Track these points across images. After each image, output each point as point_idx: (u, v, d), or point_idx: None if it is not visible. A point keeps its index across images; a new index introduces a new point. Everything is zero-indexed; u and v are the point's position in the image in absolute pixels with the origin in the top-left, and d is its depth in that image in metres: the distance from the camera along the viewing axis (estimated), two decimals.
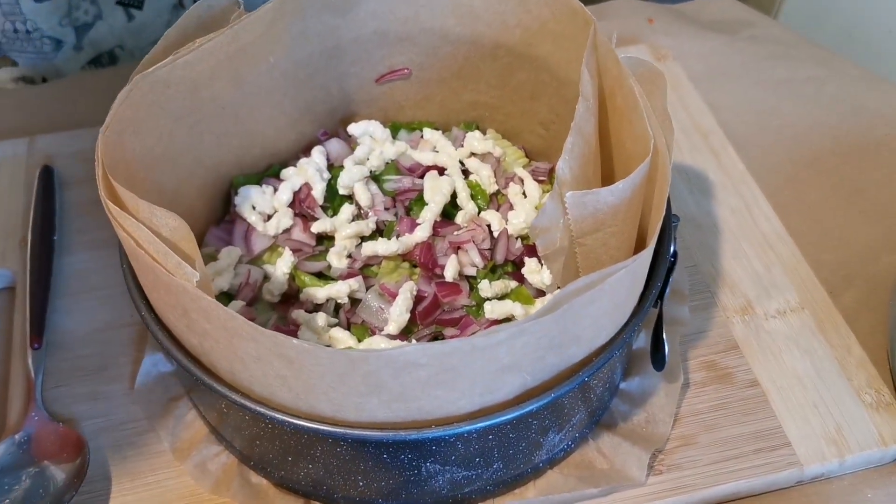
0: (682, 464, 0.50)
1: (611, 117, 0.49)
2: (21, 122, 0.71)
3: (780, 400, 0.53)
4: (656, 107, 0.46)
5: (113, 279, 0.59)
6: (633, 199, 0.43)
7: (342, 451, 0.43)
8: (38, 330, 0.55)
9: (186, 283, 0.38)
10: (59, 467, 0.48)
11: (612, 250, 0.45)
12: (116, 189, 0.42)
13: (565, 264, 0.46)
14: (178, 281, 0.38)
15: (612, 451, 0.50)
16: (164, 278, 0.39)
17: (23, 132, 0.69)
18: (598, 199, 0.42)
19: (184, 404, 0.52)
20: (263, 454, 0.47)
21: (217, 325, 0.38)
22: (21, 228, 0.62)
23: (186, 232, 0.42)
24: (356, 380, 0.37)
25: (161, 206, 0.42)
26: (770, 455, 0.50)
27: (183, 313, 0.40)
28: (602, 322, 0.42)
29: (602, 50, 0.48)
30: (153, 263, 0.39)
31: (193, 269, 0.39)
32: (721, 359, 0.55)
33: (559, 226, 0.44)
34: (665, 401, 0.52)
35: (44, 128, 0.70)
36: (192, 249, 0.41)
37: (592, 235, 0.44)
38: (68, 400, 0.53)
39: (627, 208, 0.43)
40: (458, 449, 0.43)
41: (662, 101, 0.47)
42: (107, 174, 0.42)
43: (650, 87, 0.48)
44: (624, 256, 0.46)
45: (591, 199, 0.42)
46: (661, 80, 0.48)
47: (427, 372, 0.37)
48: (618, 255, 0.45)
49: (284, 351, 0.37)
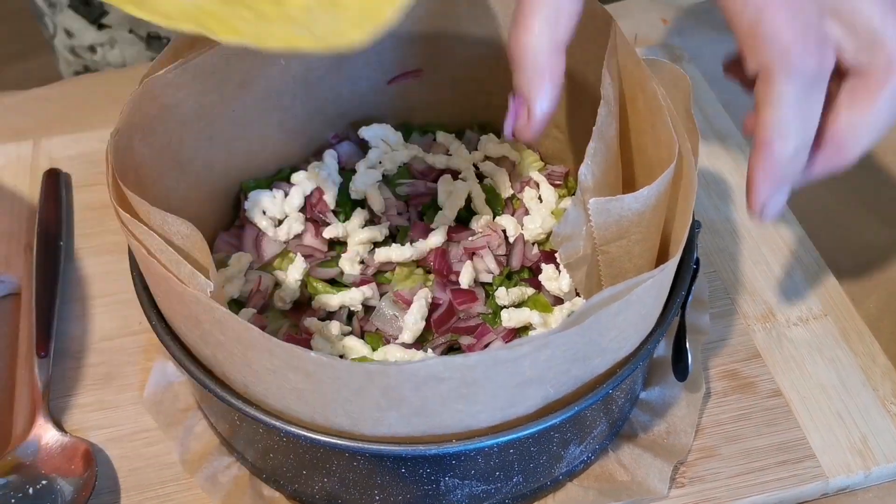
0: (704, 476, 0.49)
1: (632, 121, 0.48)
2: (26, 124, 0.70)
3: (803, 410, 0.52)
4: (680, 110, 0.45)
5: (121, 285, 0.58)
6: (658, 205, 0.42)
7: (359, 464, 0.42)
8: (44, 338, 0.54)
9: (200, 293, 0.37)
10: (66, 480, 0.47)
11: (635, 258, 0.43)
12: (127, 195, 0.41)
13: (587, 273, 0.45)
14: (192, 291, 0.37)
15: (632, 462, 0.49)
16: (176, 288, 0.38)
17: (28, 134, 0.68)
18: (623, 206, 0.41)
19: (194, 415, 0.51)
20: (276, 467, 0.46)
21: (231, 337, 0.37)
22: (26, 233, 0.61)
23: (199, 240, 0.40)
24: (375, 393, 0.36)
25: (170, 211, 0.40)
26: (794, 467, 0.49)
27: (196, 324, 0.39)
28: (627, 333, 0.41)
29: (623, 52, 0.46)
30: (165, 273, 0.38)
31: (207, 279, 0.38)
32: (743, 367, 0.54)
33: (582, 233, 0.43)
34: (686, 411, 0.51)
35: (49, 130, 0.68)
36: (206, 258, 0.40)
37: (616, 243, 0.43)
38: (75, 410, 0.52)
39: (652, 215, 0.42)
40: (478, 463, 0.42)
41: (686, 104, 0.46)
42: (117, 180, 0.41)
43: (673, 90, 0.47)
44: (647, 264, 0.45)
45: (615, 205, 0.41)
46: (684, 83, 0.46)
47: (448, 385, 0.36)
48: (641, 262, 0.44)
49: (301, 364, 0.36)
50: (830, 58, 0.39)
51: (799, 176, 0.41)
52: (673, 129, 0.42)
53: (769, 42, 0.38)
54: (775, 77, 0.38)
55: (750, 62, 0.39)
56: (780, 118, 0.39)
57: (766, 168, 0.40)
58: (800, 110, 0.39)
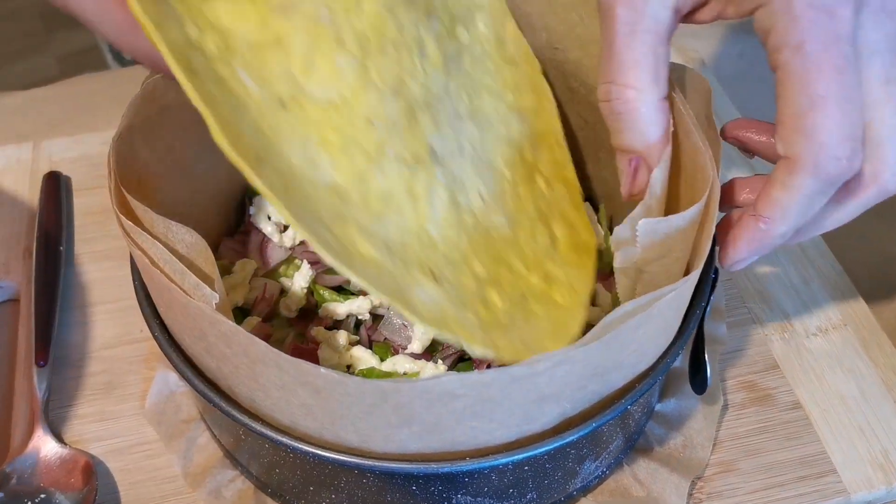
0: (723, 492, 0.47)
1: None
2: (26, 126, 0.68)
3: (823, 423, 0.50)
4: (700, 116, 0.44)
5: (122, 292, 0.56)
6: (696, 221, 0.41)
7: (368, 481, 0.40)
8: (43, 346, 0.52)
9: (205, 305, 0.35)
10: (65, 495, 0.46)
11: (672, 277, 0.41)
12: (129, 202, 0.39)
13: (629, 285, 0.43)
14: (196, 303, 0.36)
15: (648, 477, 0.48)
16: (180, 300, 0.36)
17: (28, 136, 0.67)
18: (671, 226, 0.39)
19: (196, 426, 0.50)
20: (282, 482, 0.45)
21: (238, 351, 0.36)
22: (25, 238, 0.60)
23: (204, 248, 0.39)
24: (387, 411, 0.35)
25: (174, 217, 0.39)
26: (815, 482, 0.48)
27: (200, 336, 0.38)
28: (646, 347, 0.39)
29: None
30: (169, 283, 0.37)
31: (213, 289, 0.37)
32: (761, 379, 0.52)
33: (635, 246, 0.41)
34: (703, 424, 0.49)
35: (50, 131, 0.67)
36: (211, 268, 0.39)
37: (657, 262, 0.41)
38: (75, 421, 0.50)
39: (691, 231, 0.41)
40: (491, 480, 0.41)
41: (707, 109, 0.44)
42: (119, 186, 0.40)
43: (692, 94, 0.46)
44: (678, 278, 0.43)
45: (663, 226, 0.38)
46: (703, 87, 0.45)
47: (463, 403, 0.35)
48: (675, 278, 0.42)
49: (311, 380, 0.34)
50: (858, 165, 0.38)
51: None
52: (699, 139, 0.41)
53: (811, 138, 0.37)
54: (802, 170, 0.38)
55: (781, 145, 0.38)
56: (789, 204, 0.39)
57: (754, 238, 0.41)
58: (809, 203, 0.39)
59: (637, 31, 0.40)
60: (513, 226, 0.45)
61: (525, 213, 0.46)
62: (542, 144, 0.51)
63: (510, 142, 0.48)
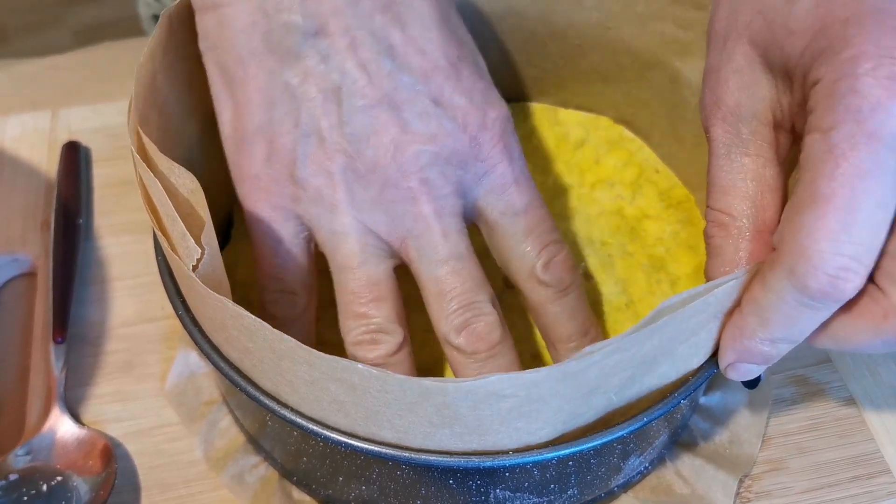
0: (772, 491, 0.45)
1: None
2: (44, 94, 0.66)
3: (877, 421, 0.48)
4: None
5: (143, 267, 0.54)
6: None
7: (403, 474, 0.38)
8: (61, 322, 0.50)
9: (226, 299, 0.33)
10: (83, 478, 0.44)
11: None
12: (141, 136, 0.37)
13: None
14: (214, 295, 0.33)
15: (692, 474, 0.45)
16: (199, 290, 0.33)
17: (45, 104, 0.64)
18: None
19: (218, 409, 0.48)
20: (309, 471, 0.43)
21: (262, 346, 0.33)
22: (43, 210, 0.57)
23: (201, 197, 0.35)
24: (428, 410, 0.32)
25: (192, 164, 0.36)
26: (868, 483, 0.45)
27: (221, 327, 0.35)
28: (701, 338, 0.37)
29: None
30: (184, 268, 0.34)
31: (199, 243, 0.34)
32: (812, 373, 0.50)
33: None
34: (751, 420, 0.47)
35: (69, 100, 0.65)
36: (203, 215, 0.35)
37: None
38: (93, 400, 0.48)
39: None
40: (533, 475, 0.38)
41: None
42: (136, 117, 0.37)
43: None
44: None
45: None
46: None
47: (511, 403, 0.32)
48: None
49: (346, 376, 0.32)
50: (852, 290, 0.32)
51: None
52: None
53: (794, 238, 0.32)
54: (779, 270, 0.32)
55: (776, 233, 0.34)
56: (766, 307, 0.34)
57: (735, 337, 0.35)
58: (791, 312, 0.33)
59: (732, 153, 0.37)
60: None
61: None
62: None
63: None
